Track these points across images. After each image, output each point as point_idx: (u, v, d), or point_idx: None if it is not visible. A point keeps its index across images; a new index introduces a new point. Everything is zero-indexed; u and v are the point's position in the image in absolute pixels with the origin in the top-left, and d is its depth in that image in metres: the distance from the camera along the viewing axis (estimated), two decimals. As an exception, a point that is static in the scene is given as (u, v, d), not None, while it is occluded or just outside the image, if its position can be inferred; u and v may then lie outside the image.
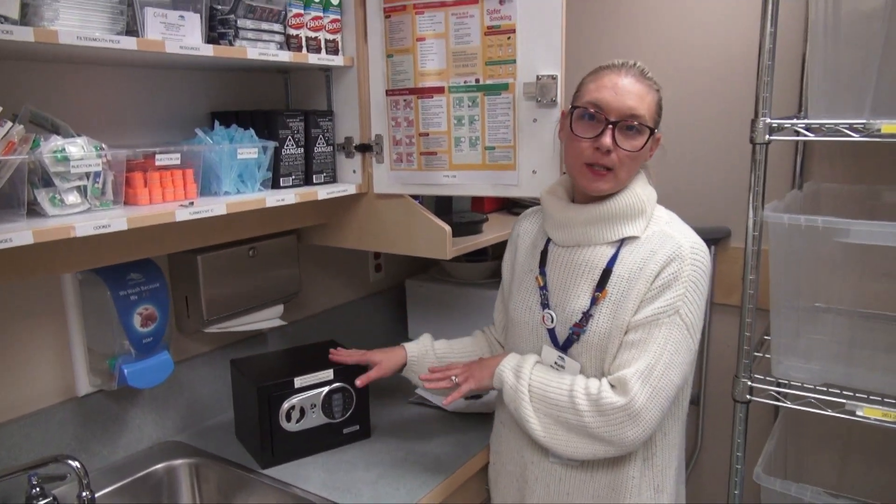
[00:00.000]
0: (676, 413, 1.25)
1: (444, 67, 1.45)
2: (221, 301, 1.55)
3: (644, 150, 1.19)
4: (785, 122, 1.35)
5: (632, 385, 1.13)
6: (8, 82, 1.21)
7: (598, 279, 1.21)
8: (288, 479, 1.38)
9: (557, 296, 1.26)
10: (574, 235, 1.25)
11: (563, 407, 1.18)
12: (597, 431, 1.15)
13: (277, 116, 1.46)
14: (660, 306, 1.16)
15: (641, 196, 1.22)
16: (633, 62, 1.21)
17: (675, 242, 1.18)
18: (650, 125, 1.18)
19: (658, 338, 1.15)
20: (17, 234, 0.99)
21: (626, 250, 1.21)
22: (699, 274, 1.17)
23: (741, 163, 1.89)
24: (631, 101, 1.16)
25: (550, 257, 1.29)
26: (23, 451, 1.30)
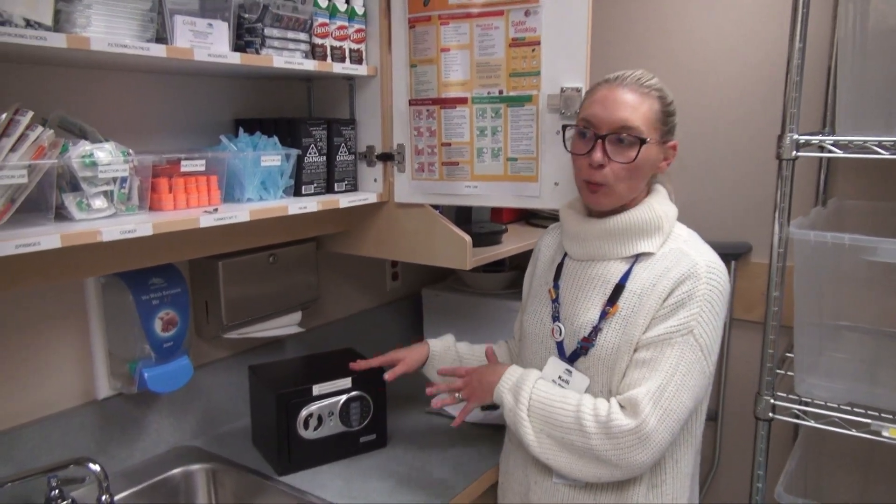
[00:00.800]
0: (689, 440, 1.21)
1: (468, 78, 1.46)
2: (241, 307, 1.55)
3: (642, 161, 1.15)
4: (812, 138, 1.34)
5: (643, 407, 1.10)
6: (38, 87, 1.23)
7: (610, 294, 1.19)
8: (304, 486, 1.38)
9: (567, 309, 1.24)
10: (588, 249, 1.24)
11: (568, 428, 1.14)
12: (604, 455, 1.12)
13: (301, 124, 1.47)
14: (673, 325, 1.12)
15: (658, 211, 1.19)
16: (631, 72, 1.18)
17: (690, 260, 1.15)
18: (643, 136, 1.14)
19: (670, 357, 1.12)
20: (46, 238, 1.00)
21: (639, 266, 1.19)
22: (715, 294, 1.13)
23: (763, 178, 1.88)
24: (621, 113, 1.14)
25: (565, 271, 1.28)
26: (43, 453, 1.31)
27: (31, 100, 1.12)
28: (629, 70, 1.19)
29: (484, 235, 1.74)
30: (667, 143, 1.20)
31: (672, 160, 1.22)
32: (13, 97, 1.11)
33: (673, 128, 1.21)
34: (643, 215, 1.19)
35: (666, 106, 1.18)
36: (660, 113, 1.17)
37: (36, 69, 1.22)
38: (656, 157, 1.19)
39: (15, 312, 1.27)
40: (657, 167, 1.21)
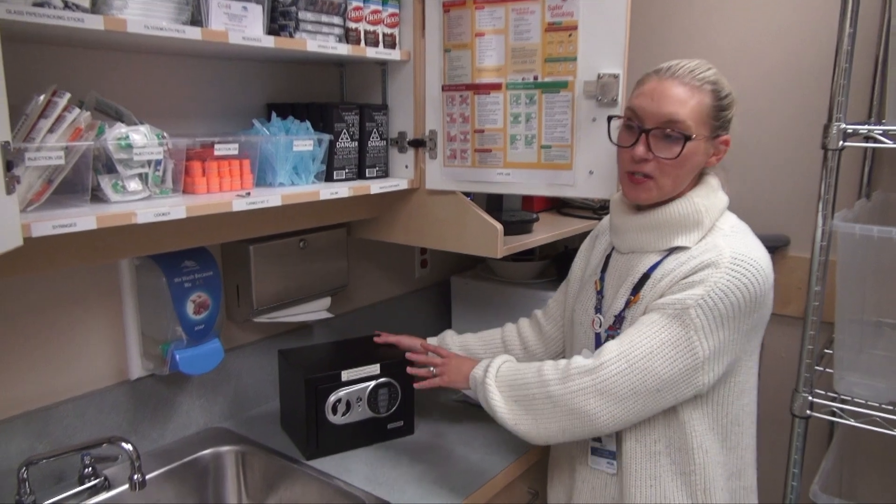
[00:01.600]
0: (716, 429, 1.18)
1: (503, 64, 1.43)
2: (271, 291, 1.56)
3: (688, 157, 1.12)
4: (860, 128, 1.29)
5: (607, 352, 1.11)
6: (75, 69, 1.24)
7: (636, 283, 1.19)
8: (331, 471, 1.38)
9: (608, 301, 1.25)
10: (628, 242, 1.23)
11: (530, 384, 1.17)
12: (560, 399, 1.12)
13: (333, 109, 1.46)
14: (673, 298, 1.11)
15: (699, 206, 1.16)
16: (686, 63, 1.14)
17: (717, 251, 1.11)
18: (689, 132, 1.11)
19: (655, 322, 1.11)
20: (82, 219, 1.00)
21: (670, 258, 1.17)
22: (734, 287, 1.08)
23: (804, 169, 1.83)
24: (668, 108, 1.11)
25: (611, 263, 1.28)
26: (77, 431, 1.33)
27: (68, 82, 1.14)
28: (685, 60, 1.15)
29: (515, 224, 1.72)
30: (718, 139, 1.16)
31: (723, 156, 1.18)
32: (50, 79, 1.12)
33: (727, 122, 1.16)
34: (682, 210, 1.16)
35: (719, 100, 1.14)
36: (711, 108, 1.13)
37: (73, 52, 1.23)
38: (704, 152, 1.15)
39: (51, 293, 1.29)
40: (706, 162, 1.17)
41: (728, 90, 1.16)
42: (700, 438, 1.16)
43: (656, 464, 1.18)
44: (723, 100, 1.14)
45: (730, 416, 1.18)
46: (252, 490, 1.47)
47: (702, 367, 1.11)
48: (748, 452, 1.24)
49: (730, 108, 1.16)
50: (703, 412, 1.17)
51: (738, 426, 1.20)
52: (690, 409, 1.16)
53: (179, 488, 1.40)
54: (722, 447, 1.19)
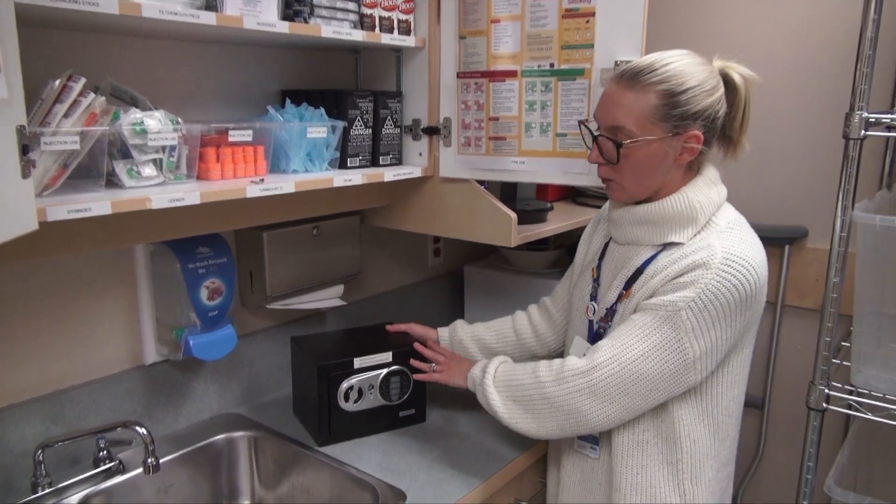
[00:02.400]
0: (706, 421, 1.18)
1: (518, 51, 1.42)
2: (284, 278, 1.56)
3: (637, 160, 1.12)
4: (883, 117, 1.27)
5: (600, 355, 1.13)
6: (90, 55, 1.24)
7: (629, 278, 1.19)
8: (343, 457, 1.39)
9: (602, 290, 1.27)
10: (623, 234, 1.23)
11: (526, 385, 1.20)
12: (556, 400, 1.16)
13: (347, 96, 1.45)
14: (664, 300, 1.10)
15: (693, 201, 1.14)
16: (638, 64, 1.11)
17: (709, 251, 1.10)
18: (632, 136, 1.10)
19: (647, 325, 1.11)
20: (97, 204, 1.00)
21: (663, 254, 1.16)
22: (724, 288, 1.07)
23: (822, 159, 1.80)
24: (611, 114, 1.13)
25: (607, 252, 1.29)
26: (92, 415, 1.34)
27: (84, 67, 1.13)
28: (647, 58, 1.13)
29: (529, 213, 1.71)
30: (680, 136, 1.11)
31: (697, 151, 1.13)
32: (66, 64, 1.12)
33: (692, 116, 1.10)
34: (676, 206, 1.15)
35: (673, 97, 1.09)
36: (659, 108, 1.09)
37: (88, 37, 1.23)
38: (661, 153, 1.12)
39: (67, 278, 1.30)
40: (676, 160, 1.13)
41: (693, 83, 1.09)
42: (689, 428, 1.17)
43: (644, 452, 1.19)
44: (679, 95, 1.09)
45: (720, 407, 1.19)
46: (264, 475, 1.48)
47: (693, 367, 1.11)
48: (735, 442, 1.27)
49: (693, 101, 1.10)
50: (694, 403, 1.17)
51: (729, 417, 1.21)
52: (679, 400, 1.17)
53: (193, 472, 1.41)
54: (713, 438, 1.19)
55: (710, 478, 1.20)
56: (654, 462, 1.19)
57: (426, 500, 1.25)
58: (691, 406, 1.17)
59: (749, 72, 1.17)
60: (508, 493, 1.43)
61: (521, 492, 1.47)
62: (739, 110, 1.17)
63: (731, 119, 1.18)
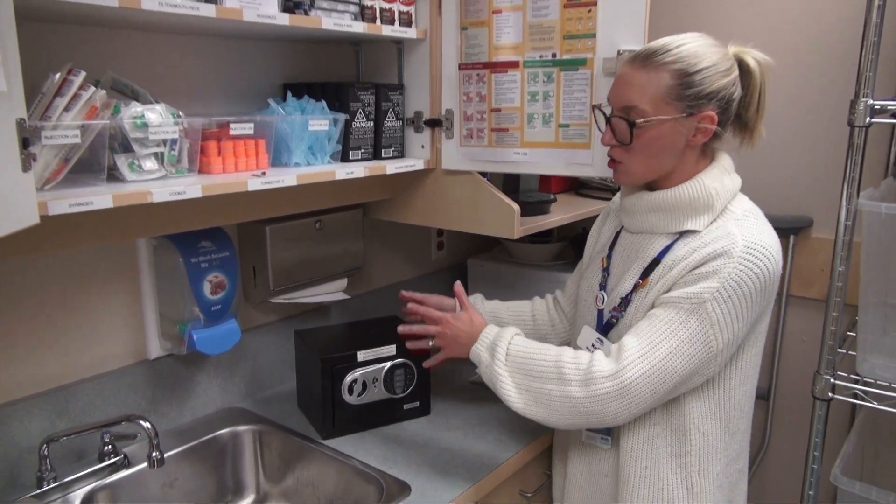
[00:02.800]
0: (718, 414, 1.17)
1: (520, 41, 1.41)
2: (287, 272, 1.56)
3: (648, 141, 1.11)
4: (888, 104, 1.26)
5: (628, 354, 1.09)
6: (91, 49, 1.23)
7: (646, 267, 1.17)
8: (347, 450, 1.39)
9: (613, 279, 1.25)
10: (637, 222, 1.22)
11: (547, 377, 1.14)
12: (581, 404, 1.11)
13: (349, 89, 1.45)
14: (688, 292, 1.08)
15: (709, 189, 1.13)
16: (652, 45, 1.11)
17: (730, 239, 1.09)
18: (644, 116, 1.09)
19: (673, 320, 1.09)
20: (98, 198, 1.00)
21: (680, 242, 1.15)
22: (747, 276, 1.07)
23: (828, 148, 1.79)
24: (624, 94, 1.12)
25: (619, 241, 1.28)
26: (97, 409, 1.34)
27: (83, 61, 1.13)
28: (660, 41, 1.12)
29: (532, 205, 1.71)
30: (693, 116, 1.10)
31: (711, 133, 1.12)
32: (67, 58, 1.12)
33: (706, 97, 1.09)
34: (692, 192, 1.13)
35: (687, 76, 1.08)
36: (673, 87, 1.09)
37: (89, 30, 1.23)
38: (674, 134, 1.11)
39: (70, 273, 1.30)
40: (688, 142, 1.12)
41: (707, 63, 1.09)
42: (699, 421, 1.16)
43: (653, 445, 1.18)
44: (693, 75, 1.08)
45: (733, 401, 1.18)
46: (269, 469, 1.48)
47: (714, 359, 1.11)
48: (746, 436, 1.25)
49: (707, 81, 1.09)
50: (706, 396, 1.16)
51: (740, 411, 1.20)
52: (691, 392, 1.16)
53: (198, 466, 1.41)
54: (724, 432, 1.18)
55: (719, 472, 1.19)
56: (662, 455, 1.18)
57: (431, 493, 1.25)
58: (703, 399, 1.16)
59: (764, 56, 1.15)
60: (513, 486, 1.43)
61: (525, 484, 1.47)
62: (755, 95, 1.16)
63: (746, 104, 1.17)
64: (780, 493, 2.02)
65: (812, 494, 1.46)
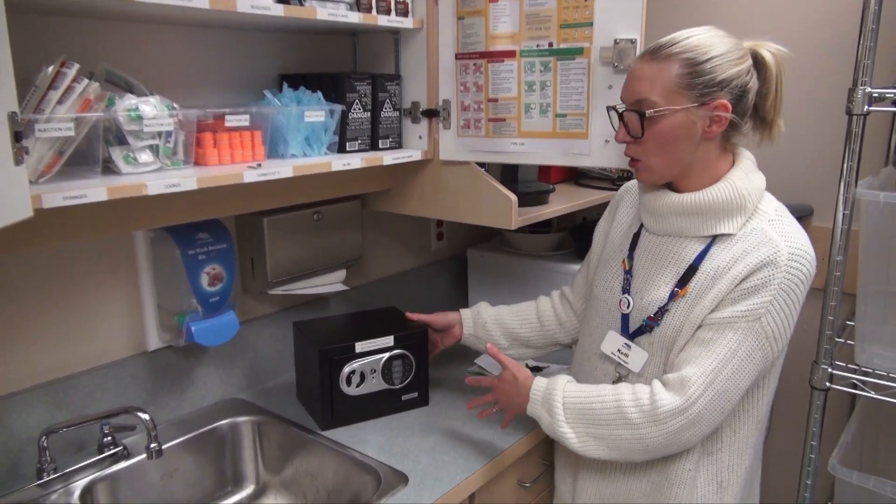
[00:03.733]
0: (751, 412, 1.17)
1: (517, 30, 1.40)
2: (286, 263, 1.56)
3: (662, 133, 1.09)
4: (887, 92, 1.25)
5: (692, 385, 1.08)
6: (84, 40, 1.23)
7: (682, 274, 1.15)
8: (346, 441, 1.39)
9: (639, 283, 1.21)
10: (664, 225, 1.19)
11: (612, 423, 1.13)
12: (655, 442, 1.11)
13: (345, 80, 1.44)
14: (741, 310, 1.08)
15: (741, 189, 1.11)
16: (661, 40, 1.11)
17: (773, 246, 1.08)
18: (654, 107, 1.08)
19: (731, 341, 1.08)
20: (92, 191, 1.00)
21: (717, 248, 1.13)
22: (794, 283, 1.08)
23: (826, 137, 1.78)
24: (635, 87, 1.12)
25: (641, 242, 1.24)
26: (96, 401, 1.35)
27: (77, 53, 1.13)
28: (674, 34, 1.11)
29: (530, 195, 1.70)
30: (706, 105, 1.09)
31: (726, 122, 1.10)
32: (61, 51, 1.11)
33: (717, 85, 1.08)
34: (724, 194, 1.12)
35: (696, 65, 1.07)
36: (682, 76, 1.08)
37: (81, 22, 1.22)
38: (688, 124, 1.10)
39: (69, 265, 1.30)
40: (701, 134, 1.11)
41: (717, 52, 1.08)
42: (731, 420, 1.16)
43: None
44: (702, 64, 1.07)
45: (766, 398, 1.19)
46: (268, 460, 1.49)
47: (771, 366, 1.14)
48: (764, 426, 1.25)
49: (717, 70, 1.08)
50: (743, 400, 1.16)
51: (767, 406, 1.21)
52: None
53: (197, 457, 1.42)
54: (755, 429, 1.19)
55: (748, 466, 1.20)
56: (694, 452, 1.17)
57: (429, 483, 1.25)
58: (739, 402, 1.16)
59: (780, 48, 1.14)
60: (511, 475, 1.43)
61: (524, 473, 1.47)
62: (772, 88, 1.14)
63: (763, 98, 1.15)
64: (778, 483, 2.02)
65: (810, 484, 1.46)
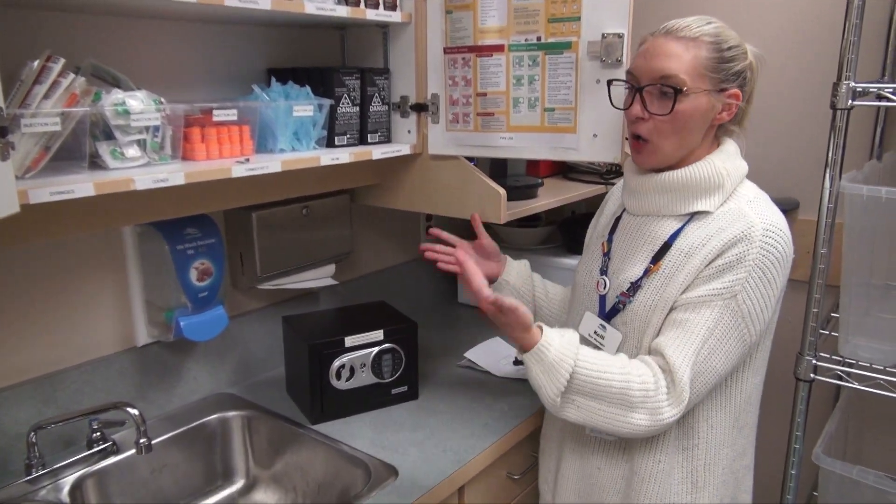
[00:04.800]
0: (727, 406, 1.17)
1: (505, 24, 1.40)
2: (275, 258, 1.56)
3: (686, 113, 1.09)
4: (870, 86, 1.26)
5: (679, 371, 1.06)
6: (70, 35, 1.22)
7: (656, 252, 1.15)
8: (336, 435, 1.40)
9: (616, 263, 1.22)
10: (643, 204, 1.19)
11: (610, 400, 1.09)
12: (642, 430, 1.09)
13: (333, 74, 1.44)
14: (716, 287, 1.07)
15: (720, 169, 1.12)
16: (681, 20, 1.11)
17: (746, 221, 1.08)
18: (682, 85, 1.07)
19: (707, 320, 1.07)
20: (80, 186, 1.00)
21: (692, 226, 1.13)
22: (769, 261, 1.07)
23: (812, 131, 1.80)
24: (661, 63, 1.09)
25: (620, 225, 1.25)
26: (85, 397, 1.35)
27: (63, 48, 1.12)
28: (685, 18, 1.11)
29: (519, 189, 1.71)
30: (724, 92, 1.11)
31: (735, 110, 1.13)
32: (47, 46, 1.11)
33: (733, 75, 1.11)
34: (703, 172, 1.12)
35: (720, 52, 1.09)
36: (710, 60, 1.09)
37: (67, 17, 1.22)
38: (708, 108, 1.11)
39: (58, 261, 1.30)
40: (713, 119, 1.13)
41: (733, 42, 1.11)
42: (707, 414, 1.16)
43: (658, 438, 1.16)
44: (725, 51, 1.10)
45: (744, 394, 1.18)
46: (258, 454, 1.49)
47: (748, 352, 1.13)
48: (753, 431, 1.25)
49: (735, 60, 1.11)
50: (715, 389, 1.15)
51: (749, 405, 1.20)
52: None
53: (187, 452, 1.42)
54: (733, 427, 1.18)
55: (725, 467, 1.18)
56: (669, 448, 1.17)
57: (418, 476, 1.26)
58: (713, 391, 1.14)
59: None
60: (500, 468, 1.44)
61: (513, 466, 1.48)
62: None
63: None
64: (763, 473, 2.04)
65: (794, 474, 1.48)
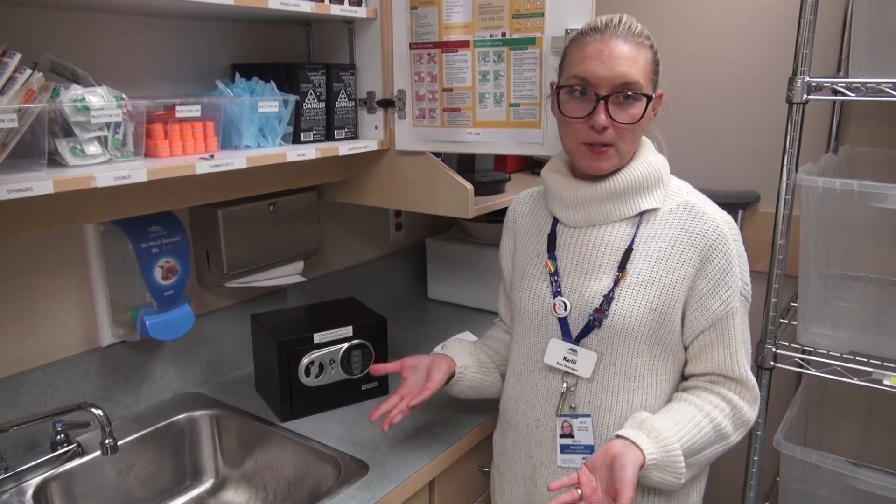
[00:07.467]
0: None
1: (470, 20, 1.41)
2: (242, 256, 1.55)
3: (645, 117, 1.09)
4: (825, 81, 1.30)
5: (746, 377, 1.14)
6: (28, 29, 1.20)
7: (620, 259, 1.12)
8: (306, 432, 1.39)
9: (572, 281, 1.15)
10: (588, 215, 1.15)
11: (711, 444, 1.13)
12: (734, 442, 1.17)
13: (299, 69, 1.43)
14: (728, 295, 1.11)
15: (655, 164, 1.14)
16: (619, 18, 1.09)
17: (710, 222, 1.11)
18: (646, 91, 1.07)
19: (735, 323, 1.13)
20: (38, 184, 0.98)
21: (647, 226, 1.13)
22: (739, 244, 1.15)
23: (772, 124, 1.84)
24: (621, 68, 1.05)
25: (561, 240, 1.18)
26: (48, 399, 1.33)
27: (21, 43, 1.10)
28: (610, 15, 1.10)
29: (486, 184, 1.72)
30: (656, 92, 1.13)
31: (657, 111, 1.15)
32: (0, 39, 1.09)
33: (659, 72, 1.13)
34: (643, 170, 1.12)
35: (655, 52, 1.11)
36: (652, 63, 1.10)
37: (26, 10, 1.19)
38: (651, 109, 1.11)
39: (19, 260, 1.27)
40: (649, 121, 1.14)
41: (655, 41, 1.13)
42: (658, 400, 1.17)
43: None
44: (657, 53, 1.11)
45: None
46: (227, 453, 1.48)
47: None
48: None
49: (659, 59, 1.13)
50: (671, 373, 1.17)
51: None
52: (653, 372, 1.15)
53: (154, 453, 1.41)
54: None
55: None
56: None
57: (389, 471, 1.27)
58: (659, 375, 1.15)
59: None
60: (470, 461, 1.45)
61: (482, 459, 1.49)
62: None
63: None
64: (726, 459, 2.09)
65: (757, 460, 1.52)
